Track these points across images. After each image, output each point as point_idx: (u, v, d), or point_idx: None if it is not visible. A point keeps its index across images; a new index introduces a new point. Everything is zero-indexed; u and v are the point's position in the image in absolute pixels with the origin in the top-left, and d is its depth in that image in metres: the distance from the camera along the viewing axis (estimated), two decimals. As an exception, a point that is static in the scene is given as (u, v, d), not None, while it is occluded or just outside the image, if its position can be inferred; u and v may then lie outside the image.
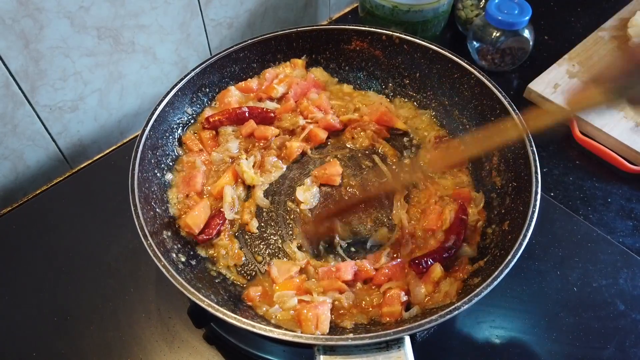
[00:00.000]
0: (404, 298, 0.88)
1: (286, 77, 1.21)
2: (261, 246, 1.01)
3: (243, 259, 0.99)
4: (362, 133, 1.17)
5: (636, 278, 1.03)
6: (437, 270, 0.90)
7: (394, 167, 1.13)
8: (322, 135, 1.16)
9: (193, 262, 0.94)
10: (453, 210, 0.99)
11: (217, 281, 0.94)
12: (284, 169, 1.12)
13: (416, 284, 0.90)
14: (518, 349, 0.94)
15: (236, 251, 0.99)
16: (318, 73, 1.25)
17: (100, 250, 1.08)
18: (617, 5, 1.55)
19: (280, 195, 1.08)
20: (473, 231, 0.98)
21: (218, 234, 0.99)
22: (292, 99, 1.19)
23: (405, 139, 1.18)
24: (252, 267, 0.98)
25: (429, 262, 0.91)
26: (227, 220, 1.02)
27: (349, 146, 1.17)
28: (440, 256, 0.92)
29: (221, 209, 1.02)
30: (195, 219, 0.98)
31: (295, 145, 1.12)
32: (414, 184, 1.08)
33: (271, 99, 1.19)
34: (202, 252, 0.98)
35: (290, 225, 1.03)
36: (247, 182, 1.07)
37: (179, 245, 0.95)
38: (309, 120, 1.16)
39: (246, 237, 1.02)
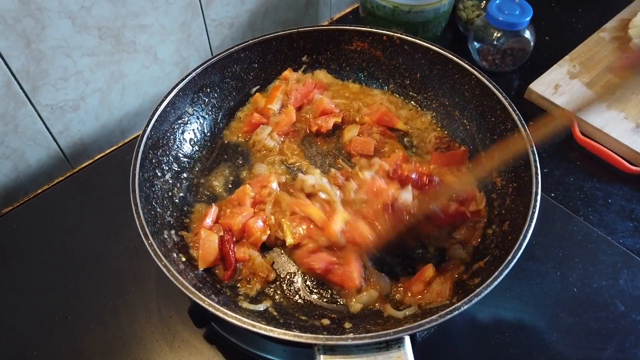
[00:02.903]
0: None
1: (276, 89, 1.20)
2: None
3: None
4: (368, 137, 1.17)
5: (636, 279, 1.03)
6: (430, 270, 0.91)
7: None
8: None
9: (194, 262, 0.94)
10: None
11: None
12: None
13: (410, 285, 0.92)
14: (518, 350, 0.94)
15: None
16: (321, 75, 1.26)
17: (101, 249, 1.08)
18: (618, 6, 1.55)
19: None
20: (472, 232, 0.99)
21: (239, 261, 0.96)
22: (292, 105, 1.18)
23: (405, 140, 1.18)
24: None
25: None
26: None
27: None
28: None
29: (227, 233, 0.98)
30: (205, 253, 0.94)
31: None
32: None
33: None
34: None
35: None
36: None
37: (180, 245, 0.95)
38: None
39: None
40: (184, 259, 0.92)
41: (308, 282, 0.96)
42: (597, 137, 1.25)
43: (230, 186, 1.10)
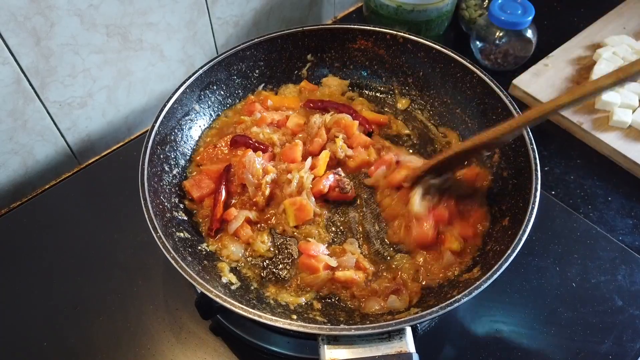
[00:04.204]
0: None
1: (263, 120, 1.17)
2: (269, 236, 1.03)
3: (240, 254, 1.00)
4: None
5: (634, 274, 1.04)
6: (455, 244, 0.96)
7: None
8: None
9: (200, 256, 0.96)
10: None
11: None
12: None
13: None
14: (517, 343, 0.96)
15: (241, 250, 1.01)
16: (330, 81, 1.27)
17: (109, 244, 1.10)
18: (619, 5, 1.56)
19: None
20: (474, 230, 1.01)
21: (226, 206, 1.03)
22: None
23: (405, 138, 1.20)
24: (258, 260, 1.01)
25: None
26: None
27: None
28: None
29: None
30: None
31: None
32: None
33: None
34: (209, 247, 1.00)
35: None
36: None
37: (187, 239, 0.97)
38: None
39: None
40: (190, 251, 0.94)
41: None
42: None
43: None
